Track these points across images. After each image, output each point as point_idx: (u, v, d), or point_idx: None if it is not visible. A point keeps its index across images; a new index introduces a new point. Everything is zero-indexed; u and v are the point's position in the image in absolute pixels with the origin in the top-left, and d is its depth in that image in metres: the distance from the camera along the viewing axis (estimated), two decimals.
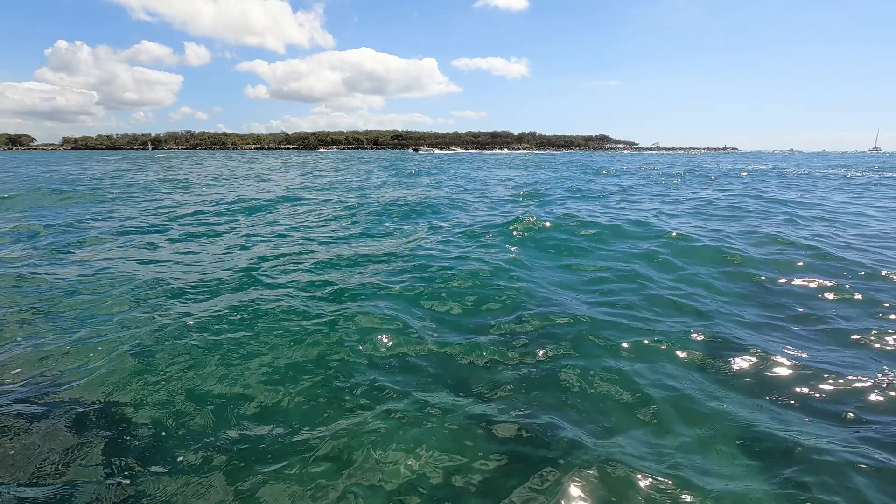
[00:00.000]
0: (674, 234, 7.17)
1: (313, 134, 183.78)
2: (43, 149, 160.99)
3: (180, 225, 8.93)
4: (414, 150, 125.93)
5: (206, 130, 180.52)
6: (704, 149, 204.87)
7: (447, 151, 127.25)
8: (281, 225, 8.95)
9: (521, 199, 12.65)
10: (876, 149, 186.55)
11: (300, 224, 9.07)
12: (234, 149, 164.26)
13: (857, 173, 24.82)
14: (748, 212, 10.06)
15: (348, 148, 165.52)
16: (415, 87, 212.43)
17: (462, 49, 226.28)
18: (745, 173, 25.25)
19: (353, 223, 9.04)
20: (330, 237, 7.73)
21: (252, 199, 12.21)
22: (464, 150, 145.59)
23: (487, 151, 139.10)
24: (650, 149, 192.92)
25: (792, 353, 3.50)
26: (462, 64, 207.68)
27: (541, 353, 3.49)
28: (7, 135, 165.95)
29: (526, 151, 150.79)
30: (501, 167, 33.92)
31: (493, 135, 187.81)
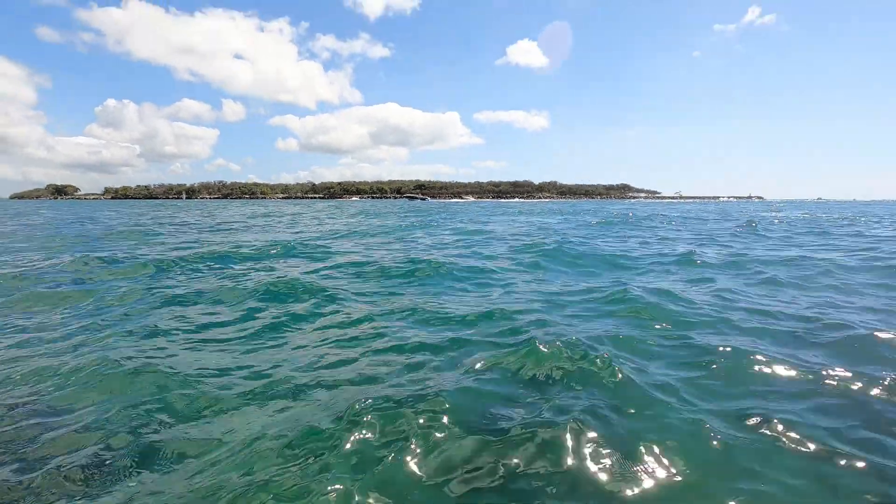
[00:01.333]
0: None
1: (339, 184, 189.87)
2: (85, 198, 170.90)
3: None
4: (410, 198, 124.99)
5: (237, 181, 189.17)
6: (728, 197, 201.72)
7: (456, 200, 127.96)
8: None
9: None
10: None
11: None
12: (262, 197, 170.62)
13: None
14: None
15: (373, 197, 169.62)
16: (438, 139, 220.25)
17: (484, 103, 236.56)
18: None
19: None
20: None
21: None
22: (475, 199, 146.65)
23: (506, 200, 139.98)
24: (672, 197, 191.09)
25: None
26: (484, 117, 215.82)
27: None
28: (54, 185, 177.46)
29: (547, 200, 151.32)
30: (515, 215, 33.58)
31: (514, 184, 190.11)
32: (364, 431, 2.50)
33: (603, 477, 2.20)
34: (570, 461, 2.30)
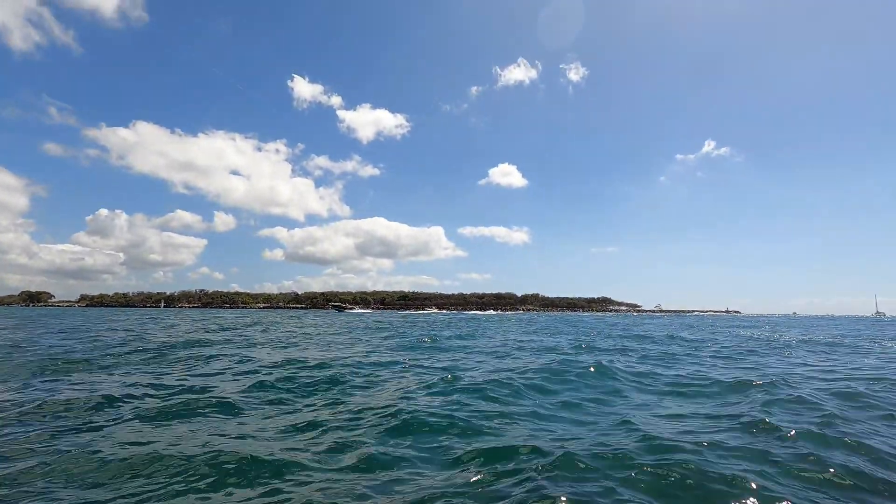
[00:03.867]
0: None
1: (322, 294, 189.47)
2: (58, 305, 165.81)
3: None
4: (337, 308, 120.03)
5: (219, 290, 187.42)
6: (707, 311, 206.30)
7: (419, 311, 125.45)
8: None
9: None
10: (880, 314, 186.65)
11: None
12: (243, 307, 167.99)
13: None
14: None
15: (366, 308, 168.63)
16: (423, 252, 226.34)
17: (467, 218, 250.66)
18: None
19: None
20: None
21: None
22: (438, 311, 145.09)
23: (485, 312, 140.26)
24: (652, 311, 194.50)
25: None
26: (467, 231, 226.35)
27: None
28: (28, 292, 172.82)
29: (531, 312, 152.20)
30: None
31: (498, 296, 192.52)
32: None
33: None
34: None
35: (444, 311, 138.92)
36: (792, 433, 5.03)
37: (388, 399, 6.94)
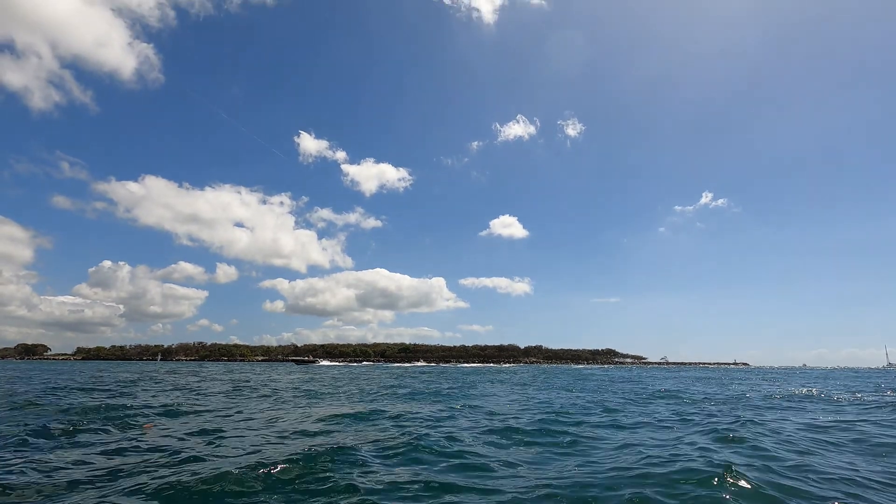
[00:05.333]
0: None
1: (321, 346, 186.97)
2: (55, 358, 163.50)
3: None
4: (297, 362, 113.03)
5: (217, 342, 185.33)
6: (714, 364, 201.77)
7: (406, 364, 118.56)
8: None
9: None
10: (891, 365, 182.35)
11: None
12: (242, 360, 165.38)
13: None
14: None
15: (354, 361, 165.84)
16: (424, 303, 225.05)
17: (469, 270, 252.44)
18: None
19: None
20: None
21: None
22: (425, 363, 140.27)
23: (490, 365, 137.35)
24: (658, 363, 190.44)
25: None
26: (469, 283, 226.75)
27: None
28: (24, 344, 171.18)
29: (533, 365, 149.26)
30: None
31: (500, 348, 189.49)
32: None
33: None
34: None
35: (431, 364, 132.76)
36: None
37: None
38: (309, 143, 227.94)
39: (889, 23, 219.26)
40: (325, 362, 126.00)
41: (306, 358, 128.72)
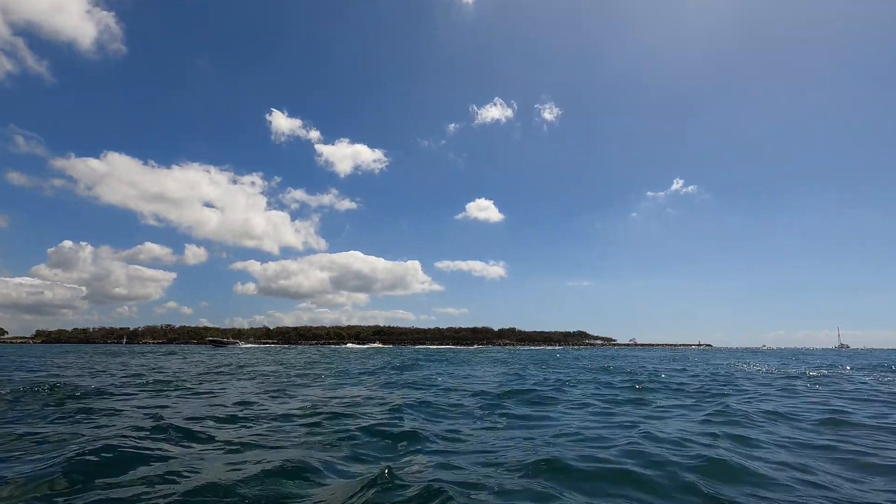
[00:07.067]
0: None
1: (295, 329, 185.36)
2: (12, 342, 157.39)
3: None
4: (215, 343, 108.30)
5: (186, 325, 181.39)
6: (681, 345, 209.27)
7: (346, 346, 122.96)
8: None
9: None
10: (843, 346, 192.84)
11: None
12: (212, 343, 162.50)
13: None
14: None
15: (329, 343, 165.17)
16: (399, 286, 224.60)
17: (444, 253, 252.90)
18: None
19: None
20: None
21: None
22: (381, 345, 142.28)
23: (463, 347, 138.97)
24: (627, 344, 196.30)
25: None
26: (444, 266, 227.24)
27: None
28: None
29: (507, 347, 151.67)
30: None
31: (474, 331, 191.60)
32: None
33: None
34: None
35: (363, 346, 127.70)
36: None
37: None
38: (281, 122, 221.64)
39: (859, 11, 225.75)
40: (245, 345, 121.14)
41: (224, 339, 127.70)
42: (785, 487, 4.37)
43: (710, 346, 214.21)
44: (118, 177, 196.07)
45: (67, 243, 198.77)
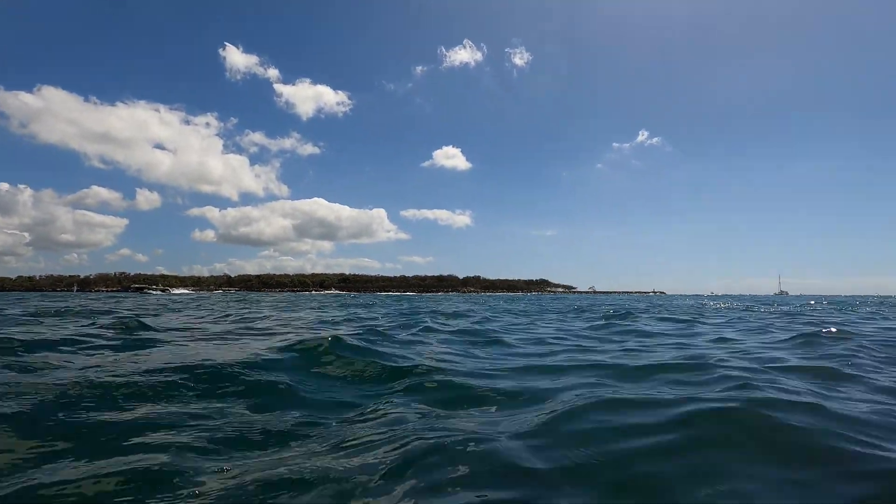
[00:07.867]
0: None
1: (257, 277, 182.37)
2: None
3: None
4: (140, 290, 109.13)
5: (141, 272, 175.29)
6: (637, 292, 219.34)
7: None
8: None
9: None
10: (782, 292, 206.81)
11: None
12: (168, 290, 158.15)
13: None
14: None
15: (293, 290, 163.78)
16: (364, 234, 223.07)
17: (410, 201, 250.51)
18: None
19: None
20: None
21: None
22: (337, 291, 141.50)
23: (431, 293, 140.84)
24: (586, 292, 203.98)
25: None
26: (410, 214, 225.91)
27: None
28: None
29: (471, 294, 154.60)
30: None
31: (440, 279, 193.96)
32: None
33: None
34: None
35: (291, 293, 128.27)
36: None
37: None
38: (236, 58, 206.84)
39: None
40: (178, 291, 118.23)
41: (143, 286, 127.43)
42: None
43: (663, 292, 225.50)
44: (56, 113, 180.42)
45: (4, 185, 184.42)
